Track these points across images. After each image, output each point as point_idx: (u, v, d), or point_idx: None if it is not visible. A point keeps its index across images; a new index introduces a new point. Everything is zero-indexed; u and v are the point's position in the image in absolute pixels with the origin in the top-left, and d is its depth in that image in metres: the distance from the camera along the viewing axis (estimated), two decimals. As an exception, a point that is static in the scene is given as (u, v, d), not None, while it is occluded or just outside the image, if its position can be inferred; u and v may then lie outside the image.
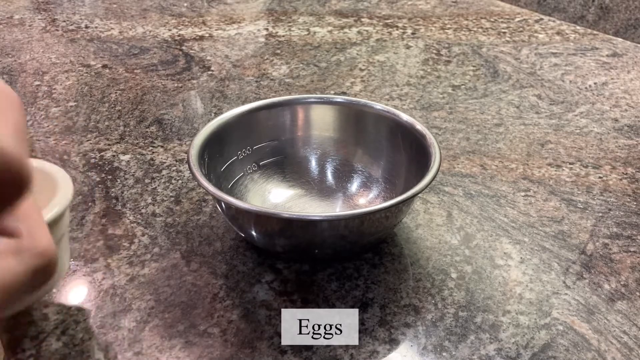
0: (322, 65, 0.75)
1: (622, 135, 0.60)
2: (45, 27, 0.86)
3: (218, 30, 0.85)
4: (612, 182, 0.53)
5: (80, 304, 0.40)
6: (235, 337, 0.38)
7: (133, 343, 0.37)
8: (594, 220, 0.48)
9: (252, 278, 0.42)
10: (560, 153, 0.57)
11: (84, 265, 0.43)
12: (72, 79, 0.71)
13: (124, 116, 0.63)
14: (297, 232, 0.41)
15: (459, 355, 0.37)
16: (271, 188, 0.50)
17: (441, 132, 0.60)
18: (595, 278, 0.43)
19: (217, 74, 0.73)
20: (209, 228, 0.47)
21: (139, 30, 0.85)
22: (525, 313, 0.40)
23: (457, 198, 0.51)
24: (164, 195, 0.51)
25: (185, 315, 0.39)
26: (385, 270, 0.43)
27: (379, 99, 0.67)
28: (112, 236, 0.46)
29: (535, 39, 0.82)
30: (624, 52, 0.78)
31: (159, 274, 0.43)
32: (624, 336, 0.38)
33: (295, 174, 0.51)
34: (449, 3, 0.95)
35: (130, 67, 0.74)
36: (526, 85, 0.70)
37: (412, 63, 0.76)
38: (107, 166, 0.55)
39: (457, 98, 0.67)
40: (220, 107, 0.65)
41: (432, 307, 0.40)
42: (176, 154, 0.57)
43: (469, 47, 0.80)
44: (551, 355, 0.37)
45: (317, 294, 0.41)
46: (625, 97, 0.67)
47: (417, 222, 0.48)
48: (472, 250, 0.45)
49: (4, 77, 0.71)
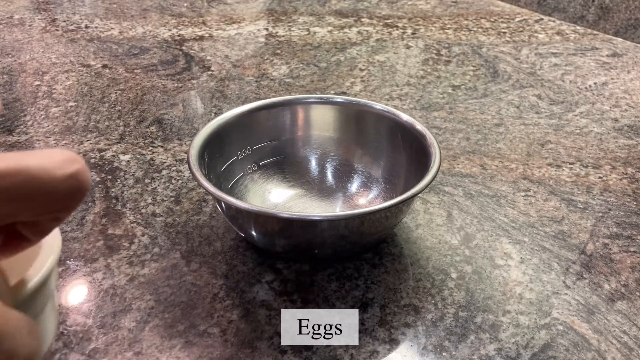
0: (322, 65, 0.75)
1: (622, 135, 0.60)
2: (45, 27, 0.86)
3: (218, 30, 0.85)
4: (612, 182, 0.53)
5: (80, 304, 0.40)
6: (235, 337, 0.38)
7: (133, 343, 0.37)
8: (594, 220, 0.48)
9: (252, 278, 0.42)
10: (560, 153, 0.57)
11: (84, 265, 0.43)
12: (72, 79, 0.71)
13: (124, 116, 0.63)
14: (297, 232, 0.41)
15: (459, 355, 0.37)
16: (271, 188, 0.50)
17: (441, 132, 0.60)
18: (595, 278, 0.43)
19: (217, 74, 0.73)
20: (209, 228, 0.47)
21: (139, 30, 0.85)
22: (525, 313, 0.40)
23: (457, 198, 0.51)
24: (164, 195, 0.51)
25: (185, 315, 0.39)
26: (385, 270, 0.43)
27: (379, 99, 0.67)
28: (112, 236, 0.46)
29: (535, 39, 0.82)
30: (624, 52, 0.78)
31: (159, 274, 0.43)
32: (624, 336, 0.38)
33: (295, 174, 0.51)
34: (449, 3, 0.95)
35: (130, 67, 0.74)
36: (526, 85, 0.70)
37: (412, 63, 0.76)
38: (107, 166, 0.55)
39: (457, 98, 0.67)
40: (220, 107, 0.65)
41: (432, 307, 0.40)
42: (176, 154, 0.57)
43: (469, 47, 0.80)
44: (551, 355, 0.37)
45: (317, 294, 0.41)
46: (625, 97, 0.67)
47: (417, 222, 0.48)
48: (472, 250, 0.45)
49: (4, 77, 0.71)
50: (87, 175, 0.21)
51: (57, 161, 0.20)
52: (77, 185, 0.20)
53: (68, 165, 0.20)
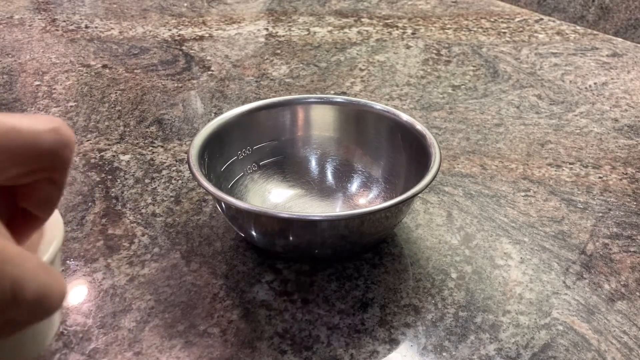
0: (322, 65, 0.75)
1: (622, 135, 0.60)
2: (45, 27, 0.87)
3: (218, 30, 0.85)
4: (612, 182, 0.53)
5: (80, 304, 0.40)
6: (235, 337, 0.38)
7: (133, 343, 0.37)
8: (594, 220, 0.48)
9: (252, 278, 0.42)
10: (560, 153, 0.57)
11: (84, 265, 0.43)
12: (72, 79, 0.71)
13: (124, 116, 0.63)
14: (297, 232, 0.41)
15: (459, 355, 0.37)
16: (271, 188, 0.50)
17: (441, 132, 0.60)
18: (595, 278, 0.43)
19: (217, 74, 0.73)
20: (209, 228, 0.47)
21: (139, 30, 0.85)
22: (525, 313, 0.40)
23: (457, 198, 0.51)
24: (164, 195, 0.51)
25: (185, 315, 0.39)
26: (385, 270, 0.43)
27: (379, 99, 0.67)
28: (112, 236, 0.46)
29: (535, 39, 0.82)
30: (624, 52, 0.78)
31: (159, 274, 0.43)
32: (624, 336, 0.38)
33: (295, 174, 0.51)
34: (449, 3, 0.95)
35: (130, 67, 0.74)
36: (526, 85, 0.70)
37: (412, 63, 0.76)
38: (107, 166, 0.55)
39: (457, 98, 0.67)
40: (220, 107, 0.65)
41: (432, 307, 0.40)
42: (176, 154, 0.57)
43: (469, 47, 0.80)
44: (551, 355, 0.37)
45: (317, 294, 0.41)
46: (625, 97, 0.67)
47: (417, 222, 0.48)
48: (472, 250, 0.45)
49: (4, 77, 0.71)
50: (68, 131, 0.22)
51: (38, 118, 0.21)
52: (59, 139, 0.22)
53: (49, 122, 0.22)
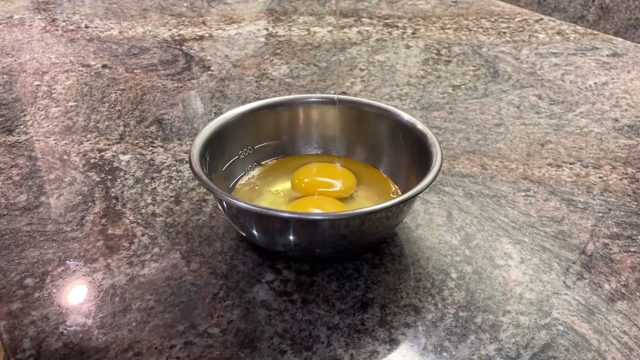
0: (322, 65, 0.75)
1: (622, 135, 0.60)
2: (45, 27, 0.86)
3: (218, 30, 0.85)
4: (612, 182, 0.53)
5: (80, 304, 0.40)
6: (235, 337, 0.38)
7: (133, 343, 0.37)
8: (594, 220, 0.48)
9: (252, 278, 0.42)
10: (561, 153, 0.57)
11: (83, 265, 0.43)
12: (72, 79, 0.71)
13: (124, 116, 0.63)
14: (298, 231, 0.41)
15: (459, 355, 0.37)
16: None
17: (441, 132, 0.60)
18: (595, 278, 0.43)
19: (217, 73, 0.73)
20: (209, 228, 0.47)
21: (139, 30, 0.85)
22: (525, 313, 0.40)
23: (457, 198, 0.51)
24: (164, 195, 0.51)
25: (185, 315, 0.39)
26: (385, 270, 0.43)
27: (379, 98, 0.67)
28: (112, 236, 0.46)
29: (535, 39, 0.82)
30: (624, 52, 0.78)
31: (159, 274, 0.43)
32: (624, 336, 0.38)
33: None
34: (449, 3, 0.95)
35: (130, 67, 0.74)
36: (526, 85, 0.70)
37: (412, 63, 0.76)
38: (107, 166, 0.55)
39: (457, 98, 0.67)
40: (220, 107, 0.65)
41: (432, 307, 0.40)
42: (176, 154, 0.57)
43: (469, 47, 0.80)
44: (551, 355, 0.37)
45: (317, 294, 0.41)
46: (626, 97, 0.67)
47: (418, 222, 0.48)
48: (472, 250, 0.45)
49: (4, 77, 0.71)
50: None
51: None
52: None
53: None
